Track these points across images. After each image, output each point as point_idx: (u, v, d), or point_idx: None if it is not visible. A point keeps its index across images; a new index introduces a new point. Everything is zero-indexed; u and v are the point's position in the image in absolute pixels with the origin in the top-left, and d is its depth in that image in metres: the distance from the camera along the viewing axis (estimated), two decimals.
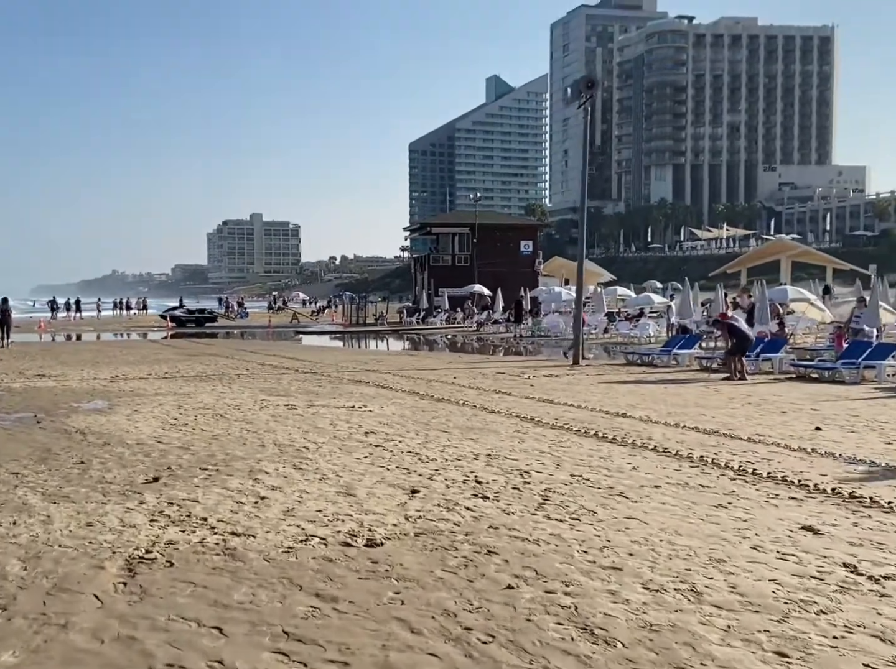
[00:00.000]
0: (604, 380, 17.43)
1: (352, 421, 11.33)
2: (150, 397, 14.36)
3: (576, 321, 22.27)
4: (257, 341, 39.19)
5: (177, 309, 54.02)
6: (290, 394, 14.86)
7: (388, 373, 19.17)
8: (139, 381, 17.37)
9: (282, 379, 17.93)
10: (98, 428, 10.78)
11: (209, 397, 14.36)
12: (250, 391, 15.44)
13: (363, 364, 22.50)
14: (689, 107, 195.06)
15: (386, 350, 33.24)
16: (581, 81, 21.72)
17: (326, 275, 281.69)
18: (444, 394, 14.60)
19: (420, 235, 59.63)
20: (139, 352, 27.32)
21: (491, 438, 9.85)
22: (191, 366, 21.34)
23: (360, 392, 15.19)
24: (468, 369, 20.53)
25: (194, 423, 11.24)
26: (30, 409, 12.83)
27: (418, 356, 26.30)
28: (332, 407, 12.86)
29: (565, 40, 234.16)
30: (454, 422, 11.17)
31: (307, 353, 27.49)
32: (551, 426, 10.81)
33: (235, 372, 19.51)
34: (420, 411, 12.41)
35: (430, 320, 50.09)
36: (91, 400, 13.93)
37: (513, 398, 14.14)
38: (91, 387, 16.07)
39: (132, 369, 20.43)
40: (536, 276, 56.54)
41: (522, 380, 17.58)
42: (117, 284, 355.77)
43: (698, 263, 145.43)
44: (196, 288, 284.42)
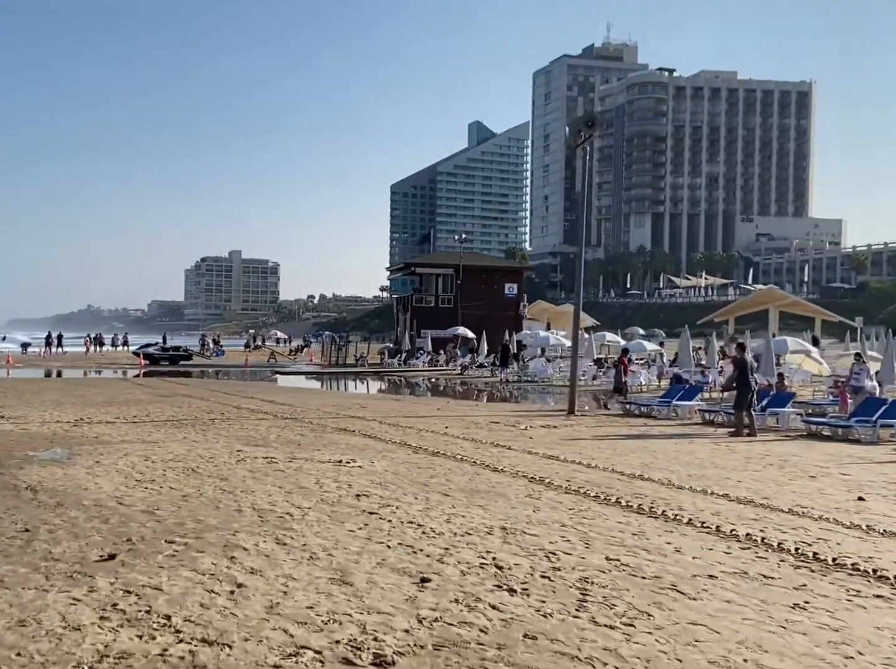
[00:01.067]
0: (605, 434, 16.33)
1: (340, 480, 10.11)
2: (115, 445, 13.04)
3: (572, 368, 21.22)
4: (233, 381, 37.79)
5: (150, 345, 52.49)
6: (269, 444, 13.60)
7: (375, 421, 17.97)
8: (105, 426, 16.02)
9: (259, 425, 16.66)
10: (53, 484, 9.48)
11: (180, 447, 13.07)
12: (226, 440, 14.17)
13: (346, 409, 21.28)
14: (669, 157, 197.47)
15: (368, 393, 32.00)
16: (581, 120, 20.97)
17: (304, 314, 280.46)
18: (438, 447, 13.42)
19: (403, 275, 58.65)
20: (108, 392, 25.90)
21: (501, 505, 8.67)
22: (162, 409, 20.00)
23: (347, 442, 13.97)
24: (458, 417, 19.36)
25: (162, 479, 9.96)
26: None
27: (404, 401, 25.10)
28: (316, 462, 11.63)
29: (547, 89, 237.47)
30: (456, 483, 9.98)
31: (286, 396, 26.20)
32: (565, 490, 9.65)
33: (210, 417, 18.20)
34: (415, 468, 11.21)
35: (412, 362, 48.92)
36: (49, 448, 12.59)
37: (514, 453, 12.98)
38: (52, 432, 14.72)
39: (99, 411, 19.06)
40: (521, 320, 55.66)
41: (519, 431, 16.45)
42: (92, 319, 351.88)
43: (676, 310, 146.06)
44: (172, 324, 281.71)
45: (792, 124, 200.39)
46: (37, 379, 34.81)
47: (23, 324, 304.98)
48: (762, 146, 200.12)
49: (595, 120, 21.00)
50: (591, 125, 20.94)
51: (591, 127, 21.00)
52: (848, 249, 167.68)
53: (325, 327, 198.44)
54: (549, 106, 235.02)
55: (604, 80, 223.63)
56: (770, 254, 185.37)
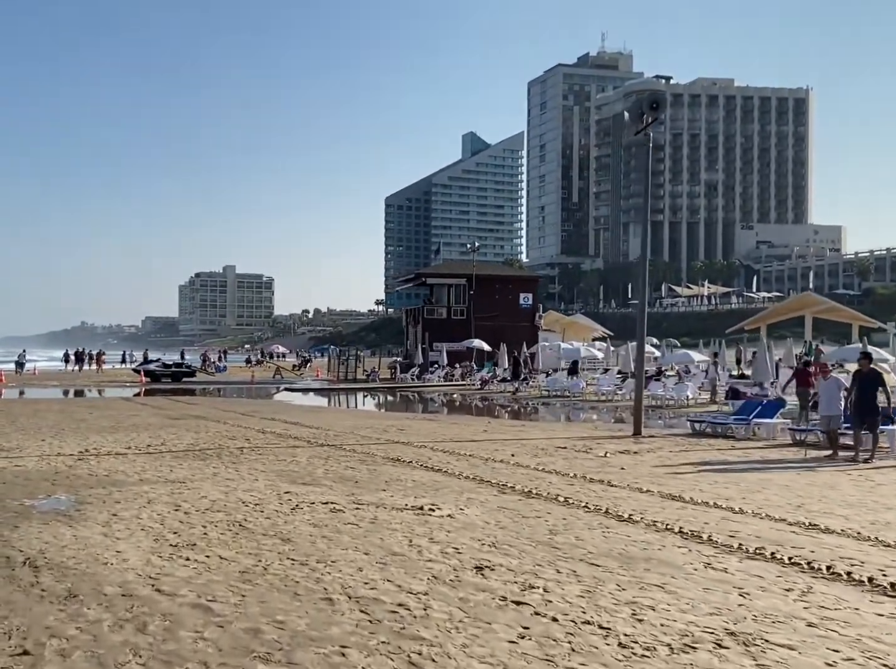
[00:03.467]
0: (699, 460, 13.95)
1: (438, 538, 7.70)
2: (132, 488, 10.60)
3: (637, 386, 18.83)
4: (244, 400, 35.35)
5: (151, 362, 49.95)
6: (319, 483, 11.18)
7: (425, 447, 15.56)
8: (116, 459, 13.57)
9: (297, 455, 14.24)
10: (60, 556, 7.04)
11: (214, 488, 10.64)
12: (265, 476, 11.74)
13: (383, 432, 18.87)
14: (667, 165, 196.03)
15: (396, 412, 29.58)
16: (644, 101, 18.65)
17: (300, 328, 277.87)
18: (523, 483, 11.02)
19: (413, 286, 56.32)
20: (112, 414, 23.42)
21: (682, 582, 6.28)
22: (177, 435, 17.54)
23: (412, 478, 11.55)
24: (515, 441, 16.96)
25: (205, 542, 7.54)
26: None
27: (440, 421, 22.68)
28: (391, 509, 9.22)
29: (542, 98, 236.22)
30: (591, 543, 7.57)
31: (310, 416, 23.76)
32: (746, 552, 7.25)
33: (235, 445, 15.76)
34: (518, 516, 8.81)
35: (427, 377, 46.51)
36: (52, 494, 10.13)
37: (622, 491, 10.58)
38: (53, 470, 12.25)
39: (105, 439, 16.60)
40: (536, 331, 53.37)
41: (600, 459, 14.09)
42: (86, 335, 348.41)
43: (679, 320, 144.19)
44: (166, 340, 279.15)
45: (790, 131, 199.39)
46: (33, 401, 32.25)
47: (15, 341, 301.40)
48: (760, 153, 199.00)
49: (660, 101, 18.68)
50: (655, 107, 18.62)
51: (656, 109, 18.68)
52: (850, 255, 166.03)
53: (321, 341, 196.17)
54: (545, 115, 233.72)
55: (599, 88, 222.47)
56: (771, 262, 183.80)
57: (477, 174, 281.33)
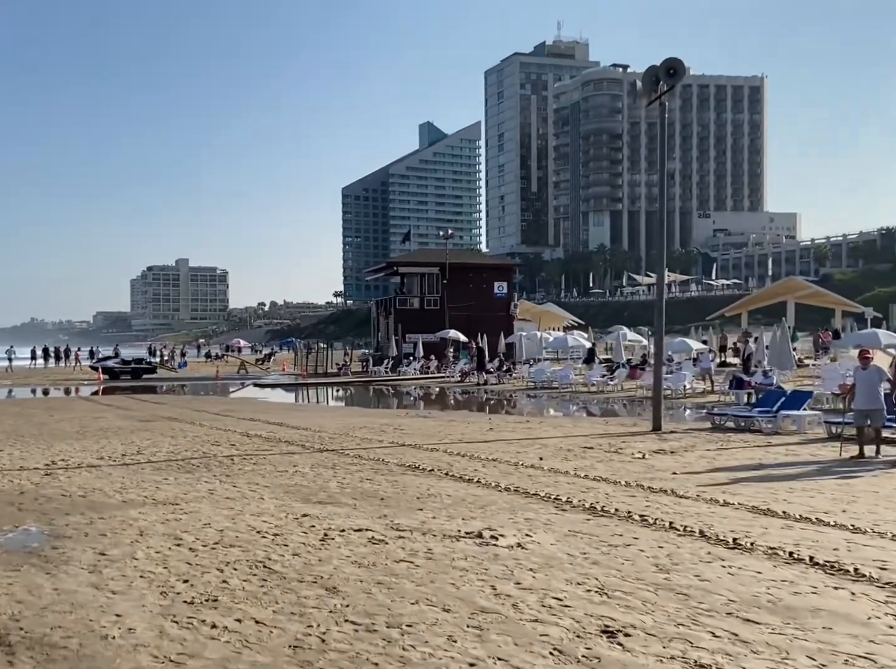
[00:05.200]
0: (748, 461, 12.53)
1: (524, 582, 6.09)
2: (117, 514, 8.79)
3: (656, 377, 17.37)
4: (213, 398, 33.30)
5: (109, 358, 47.41)
6: (338, 501, 9.49)
7: (436, 450, 13.93)
8: (89, 473, 11.70)
9: (298, 464, 12.50)
10: (39, 624, 5.28)
11: (215, 511, 8.89)
12: (271, 493, 10.01)
13: (380, 431, 17.19)
14: (626, 154, 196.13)
15: (384, 410, 27.88)
16: (660, 68, 17.16)
17: (256, 322, 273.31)
18: (576, 496, 9.46)
19: (384, 276, 54.49)
20: (75, 417, 21.34)
21: (884, 646, 4.75)
22: (153, 441, 15.66)
23: (445, 492, 9.91)
24: (529, 441, 15.41)
25: (229, 597, 5.83)
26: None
27: (437, 419, 21.01)
28: (441, 537, 7.58)
29: (499, 88, 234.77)
30: (722, 586, 6.02)
31: (292, 415, 21.95)
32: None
33: (221, 452, 13.96)
34: (604, 545, 7.23)
35: (401, 370, 44.78)
36: (19, 526, 8.29)
37: (698, 504, 9.05)
38: (17, 489, 10.36)
39: (73, 447, 14.66)
40: (512, 320, 51.86)
41: (634, 459, 12.63)
42: (36, 332, 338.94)
43: (641, 308, 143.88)
44: (119, 335, 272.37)
45: (745, 119, 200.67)
46: None
47: None
48: (716, 141, 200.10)
49: (677, 67, 17.21)
50: (672, 73, 17.15)
51: (673, 76, 17.22)
52: (806, 242, 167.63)
53: (279, 334, 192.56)
54: (503, 104, 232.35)
55: (556, 77, 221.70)
56: (728, 250, 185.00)
57: (435, 164, 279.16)
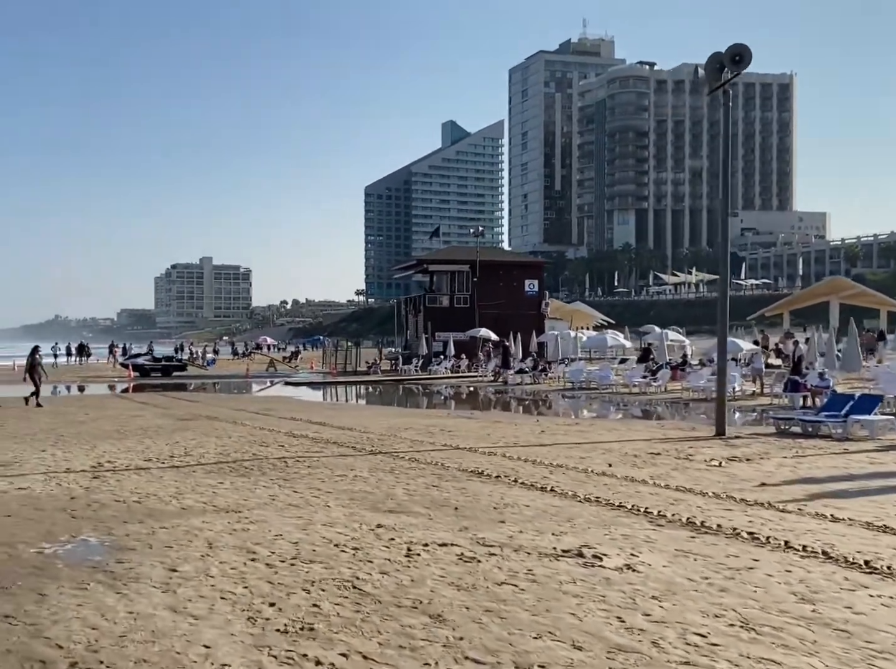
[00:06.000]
0: (834, 471, 11.76)
1: (653, 613, 5.41)
2: (178, 522, 8.20)
3: (720, 379, 16.60)
4: (248, 396, 32.87)
5: (140, 355, 47.17)
6: (409, 509, 8.85)
7: (493, 454, 13.27)
8: (138, 475, 11.15)
9: (354, 467, 11.88)
10: (120, 657, 4.67)
11: (282, 520, 8.27)
12: (335, 500, 9.39)
13: (427, 433, 16.56)
14: (651, 152, 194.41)
15: (426, 410, 27.33)
16: (725, 54, 16.38)
17: (279, 320, 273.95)
18: (666, 508, 8.77)
19: (415, 273, 53.91)
20: (111, 416, 20.88)
21: None
22: (198, 441, 15.12)
23: (520, 501, 9.24)
24: (587, 445, 14.70)
25: (325, 624, 5.19)
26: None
27: (482, 420, 20.34)
28: (537, 555, 6.91)
29: (524, 86, 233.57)
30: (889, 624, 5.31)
31: (333, 414, 21.39)
32: None
33: (272, 453, 13.37)
34: (724, 568, 6.53)
35: (432, 368, 44.16)
36: (76, 536, 7.71)
37: (805, 519, 8.32)
38: (67, 494, 9.82)
39: (117, 448, 14.14)
40: (543, 319, 51.10)
41: (710, 467, 11.92)
42: (60, 329, 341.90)
43: (668, 307, 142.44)
44: (143, 333, 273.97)
45: (774, 117, 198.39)
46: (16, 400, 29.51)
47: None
48: (745, 139, 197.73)
49: (743, 54, 16.44)
50: (738, 60, 16.38)
51: (739, 62, 16.43)
52: (836, 242, 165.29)
53: (301, 332, 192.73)
54: (527, 103, 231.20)
55: (581, 75, 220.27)
56: (756, 249, 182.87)
57: (457, 162, 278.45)
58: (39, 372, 24.69)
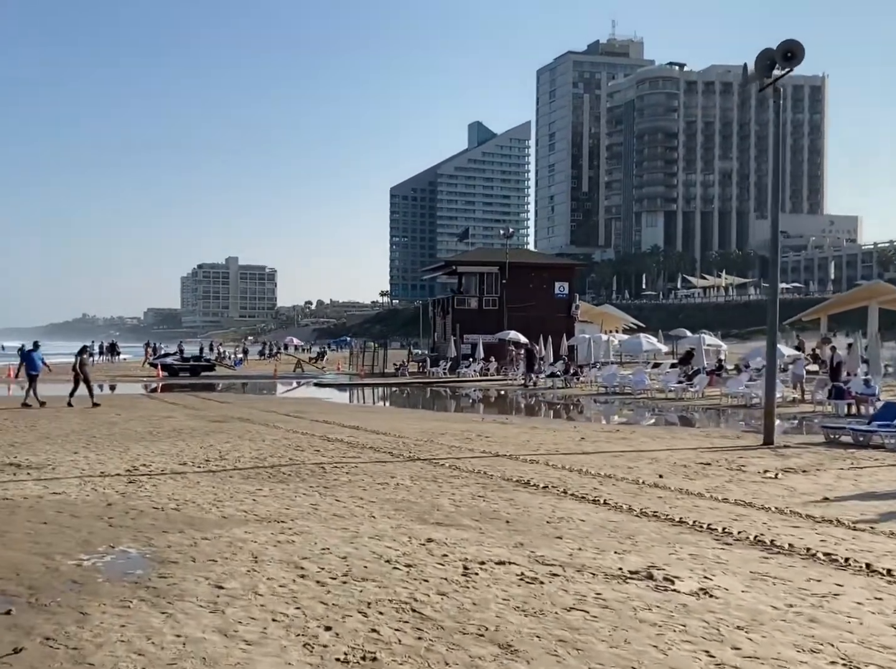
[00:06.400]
0: (888, 480, 11.20)
1: (744, 648, 4.96)
2: (220, 532, 7.85)
3: (769, 385, 16.04)
4: (277, 397, 32.66)
5: (169, 355, 47.19)
6: (458, 522, 8.45)
7: (536, 462, 12.83)
8: (174, 481, 10.84)
9: (394, 474, 11.49)
10: None
11: (327, 531, 7.90)
12: (379, 509, 9.01)
13: (464, 439, 16.14)
14: (681, 153, 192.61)
15: (453, 412, 26.95)
16: (777, 51, 15.80)
17: (303, 320, 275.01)
18: (730, 525, 8.30)
19: (444, 274, 53.53)
20: (143, 416, 20.68)
21: None
22: (232, 444, 14.83)
23: (574, 515, 8.80)
24: (632, 453, 14.23)
25: (387, 653, 4.80)
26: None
27: (519, 425, 19.87)
28: (603, 576, 6.48)
29: (552, 86, 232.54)
30: None
31: (366, 418, 21.03)
32: None
33: (308, 459, 13.03)
34: (806, 593, 6.06)
35: (460, 371, 43.75)
36: (115, 546, 7.38)
37: (885, 539, 7.83)
38: (102, 499, 9.52)
39: (150, 450, 13.87)
40: (573, 322, 50.52)
41: (766, 478, 11.42)
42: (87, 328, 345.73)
43: (696, 311, 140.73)
44: (169, 332, 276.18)
45: (805, 119, 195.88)
46: None
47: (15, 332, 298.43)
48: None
49: (795, 50, 15.87)
50: (790, 56, 15.80)
51: (791, 59, 15.85)
52: (868, 246, 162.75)
53: (325, 333, 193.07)
54: (554, 103, 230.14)
55: (610, 76, 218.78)
56: (787, 253, 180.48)
57: (483, 164, 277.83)
58: (85, 371, 24.33)
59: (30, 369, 23.97)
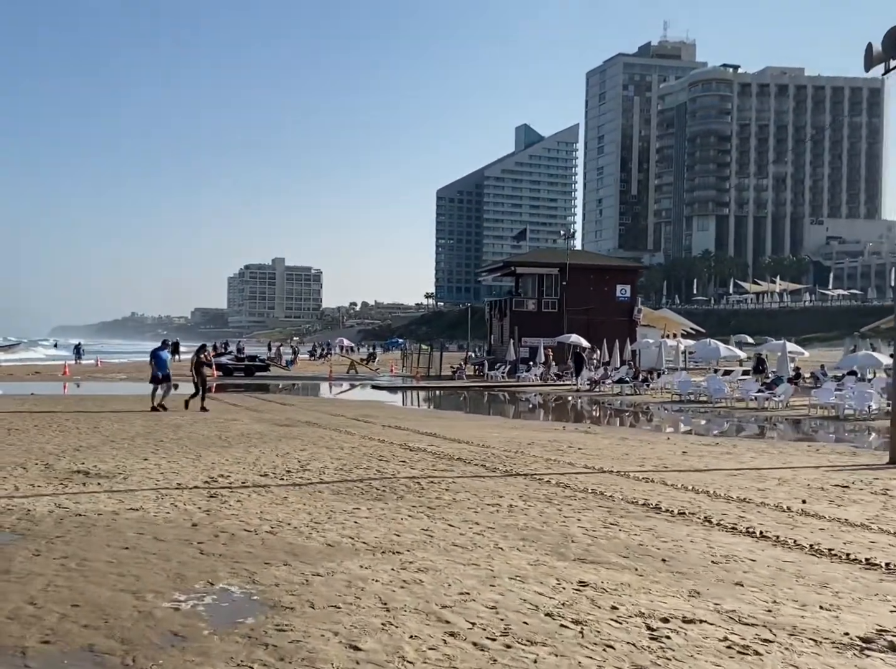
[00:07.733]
0: None
1: None
2: (331, 565, 6.62)
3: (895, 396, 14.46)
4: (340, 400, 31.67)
5: (223, 354, 46.61)
6: (605, 560, 7.12)
7: (648, 481, 11.45)
8: (260, 495, 9.69)
9: (499, 492, 10.19)
10: None
11: (456, 568, 6.64)
12: (505, 540, 7.72)
13: (555, 451, 14.83)
14: (734, 157, 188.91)
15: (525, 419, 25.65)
16: None
17: (348, 321, 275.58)
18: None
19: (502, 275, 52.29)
20: (206, 418, 19.69)
21: None
22: (309, 452, 13.69)
23: (737, 553, 7.42)
24: (746, 471, 12.78)
25: None
26: (61, 637, 5.16)
27: (607, 436, 18.45)
28: (829, 645, 5.13)
29: (602, 89, 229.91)
30: None
31: (437, 424, 19.83)
32: None
33: (398, 472, 11.80)
34: None
35: (521, 375, 42.39)
36: (213, 582, 6.19)
37: None
38: (185, 518, 8.38)
39: (224, 458, 12.77)
40: (635, 326, 48.87)
41: None
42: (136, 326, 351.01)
43: (749, 317, 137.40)
44: (215, 331, 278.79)
45: (863, 122, 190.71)
46: (105, 399, 28.87)
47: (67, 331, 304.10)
48: (832, 145, 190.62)
49: None
50: None
51: None
52: None
53: (370, 334, 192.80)
54: (604, 106, 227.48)
55: (661, 78, 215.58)
56: (842, 258, 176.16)
57: (530, 167, 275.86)
58: (203, 373, 22.54)
59: (159, 369, 22.17)
